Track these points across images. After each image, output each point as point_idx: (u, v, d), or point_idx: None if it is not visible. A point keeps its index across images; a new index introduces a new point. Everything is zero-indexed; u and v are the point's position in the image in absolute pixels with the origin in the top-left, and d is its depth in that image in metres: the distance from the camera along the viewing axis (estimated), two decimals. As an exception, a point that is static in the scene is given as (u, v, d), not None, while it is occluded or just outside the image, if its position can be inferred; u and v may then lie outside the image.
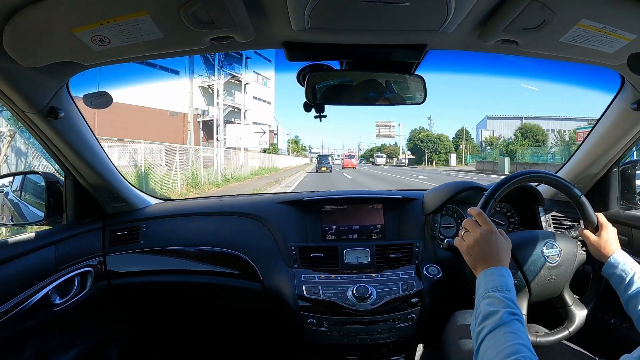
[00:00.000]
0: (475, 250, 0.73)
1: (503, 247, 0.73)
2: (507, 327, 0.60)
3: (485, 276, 0.70)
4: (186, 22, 0.65)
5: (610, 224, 0.85)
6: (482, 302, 0.66)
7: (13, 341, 0.95)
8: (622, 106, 1.01)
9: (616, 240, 0.83)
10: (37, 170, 1.22)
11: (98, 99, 0.97)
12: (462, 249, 0.76)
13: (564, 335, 0.85)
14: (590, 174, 1.21)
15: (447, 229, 1.31)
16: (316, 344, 1.13)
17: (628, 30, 0.69)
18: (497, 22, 0.70)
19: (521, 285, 0.83)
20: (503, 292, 0.65)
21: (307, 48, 0.84)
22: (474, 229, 0.75)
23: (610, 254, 0.81)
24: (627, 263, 0.78)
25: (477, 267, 0.73)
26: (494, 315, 0.62)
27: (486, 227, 0.74)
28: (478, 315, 0.65)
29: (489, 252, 0.72)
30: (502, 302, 0.64)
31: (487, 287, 0.67)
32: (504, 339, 0.58)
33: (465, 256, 0.76)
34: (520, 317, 0.62)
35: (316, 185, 12.73)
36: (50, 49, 0.72)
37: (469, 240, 0.74)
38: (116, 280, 1.26)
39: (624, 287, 0.76)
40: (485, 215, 0.76)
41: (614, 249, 0.82)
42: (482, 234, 0.73)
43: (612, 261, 0.80)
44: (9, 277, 0.93)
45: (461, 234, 0.77)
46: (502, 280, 0.68)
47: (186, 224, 1.35)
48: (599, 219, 0.85)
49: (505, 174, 3.96)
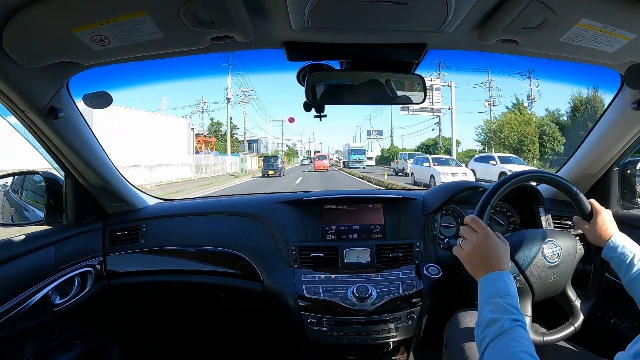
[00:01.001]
0: (474, 257, 0.73)
1: (501, 250, 0.73)
2: (509, 335, 0.59)
3: (486, 282, 0.69)
4: (186, 22, 0.66)
5: (604, 208, 0.85)
6: (484, 308, 0.65)
7: (13, 341, 0.95)
8: (622, 106, 1.02)
9: (613, 222, 0.83)
10: (37, 170, 1.22)
11: (98, 99, 0.97)
12: (461, 257, 0.75)
13: (570, 332, 0.85)
14: (590, 174, 1.21)
15: (447, 228, 1.31)
16: (316, 343, 1.13)
17: (628, 30, 0.69)
18: (497, 22, 0.70)
19: (524, 288, 0.83)
20: (505, 297, 0.65)
21: (307, 48, 0.84)
22: (470, 235, 0.74)
23: (608, 237, 0.81)
24: (627, 245, 0.78)
25: (478, 273, 0.72)
26: (496, 322, 0.61)
27: (482, 232, 0.73)
28: (480, 323, 0.64)
29: (488, 257, 0.71)
30: (504, 308, 0.63)
31: (489, 293, 0.67)
32: (506, 347, 0.58)
33: (465, 265, 0.75)
34: (523, 323, 0.62)
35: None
36: (50, 49, 0.72)
37: (467, 248, 0.74)
38: (116, 280, 1.26)
39: (625, 269, 0.76)
40: (480, 221, 0.76)
41: (612, 231, 0.82)
42: (478, 239, 0.73)
43: (611, 244, 0.80)
44: (9, 277, 0.93)
45: (459, 243, 0.77)
46: (503, 285, 0.67)
47: (186, 223, 1.35)
48: (592, 204, 0.85)
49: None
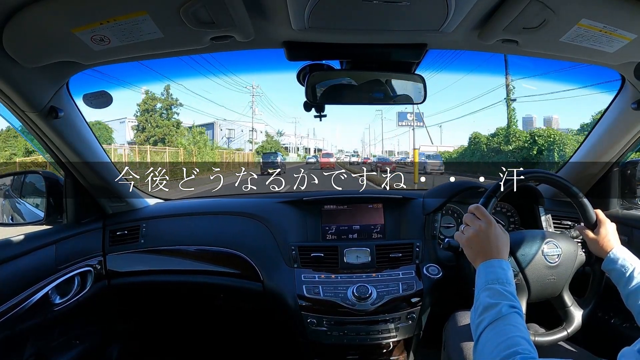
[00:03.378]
0: (475, 243, 0.74)
1: (502, 239, 0.74)
2: (506, 320, 0.60)
3: (485, 268, 0.70)
4: (186, 22, 0.65)
5: (609, 220, 0.85)
6: (481, 294, 0.67)
7: (13, 341, 0.95)
8: (622, 106, 1.02)
9: (615, 235, 0.84)
10: (37, 170, 1.22)
11: (98, 99, 0.97)
12: (462, 242, 0.77)
13: (562, 336, 0.86)
14: (590, 173, 1.21)
15: (447, 228, 1.31)
16: (316, 343, 1.13)
17: (628, 30, 0.69)
18: (497, 22, 0.70)
19: (521, 284, 0.83)
20: (503, 284, 0.66)
21: (307, 48, 0.84)
22: (474, 222, 0.76)
23: (609, 249, 0.81)
24: (627, 258, 0.79)
25: (477, 260, 0.74)
26: (494, 307, 0.62)
27: (485, 220, 0.75)
28: (478, 307, 0.65)
29: (489, 244, 0.73)
30: (502, 294, 0.64)
31: (487, 279, 0.68)
32: (503, 331, 0.59)
33: (465, 249, 0.77)
34: (520, 311, 0.62)
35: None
36: (50, 49, 0.72)
37: (468, 233, 0.75)
38: (116, 280, 1.26)
39: (624, 282, 0.76)
40: (484, 209, 0.77)
41: (614, 244, 0.82)
42: (481, 226, 0.74)
43: (612, 256, 0.80)
44: (9, 277, 0.93)
45: (461, 229, 0.79)
46: (502, 272, 0.69)
47: (186, 223, 1.35)
48: (597, 215, 0.86)
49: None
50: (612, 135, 1.09)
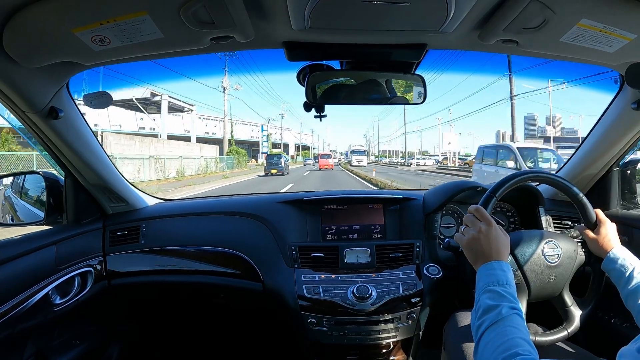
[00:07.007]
0: (475, 245, 0.74)
1: (502, 241, 0.74)
2: (507, 321, 0.60)
3: (485, 270, 0.70)
4: (186, 22, 0.66)
5: (609, 220, 0.85)
6: (482, 296, 0.66)
7: (13, 341, 0.95)
8: (622, 106, 1.02)
9: (615, 235, 0.84)
10: (37, 170, 1.22)
11: (98, 99, 0.97)
12: (462, 244, 0.77)
13: (562, 336, 0.86)
14: (590, 173, 1.21)
15: (448, 228, 1.31)
16: (316, 343, 1.13)
17: (628, 30, 0.69)
18: (497, 22, 0.70)
19: (520, 284, 0.83)
20: (503, 286, 0.66)
21: (307, 48, 0.84)
22: (474, 224, 0.76)
23: (609, 249, 0.82)
24: (627, 258, 0.79)
25: (477, 262, 0.73)
26: (494, 309, 0.62)
27: (486, 222, 0.75)
28: (478, 309, 0.65)
29: (489, 246, 0.72)
30: (503, 296, 0.64)
31: (488, 281, 0.68)
32: (503, 332, 0.59)
33: (465, 251, 0.76)
34: (520, 312, 0.63)
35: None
36: (50, 49, 0.72)
37: (468, 235, 0.75)
38: (116, 280, 1.26)
39: (624, 282, 0.76)
40: (484, 211, 0.77)
41: (613, 244, 0.82)
42: (481, 228, 0.74)
43: (612, 256, 0.80)
44: (9, 277, 0.93)
45: (461, 230, 0.78)
46: (502, 274, 0.68)
47: (186, 223, 1.35)
48: (597, 215, 0.86)
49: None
50: (612, 135, 1.09)
